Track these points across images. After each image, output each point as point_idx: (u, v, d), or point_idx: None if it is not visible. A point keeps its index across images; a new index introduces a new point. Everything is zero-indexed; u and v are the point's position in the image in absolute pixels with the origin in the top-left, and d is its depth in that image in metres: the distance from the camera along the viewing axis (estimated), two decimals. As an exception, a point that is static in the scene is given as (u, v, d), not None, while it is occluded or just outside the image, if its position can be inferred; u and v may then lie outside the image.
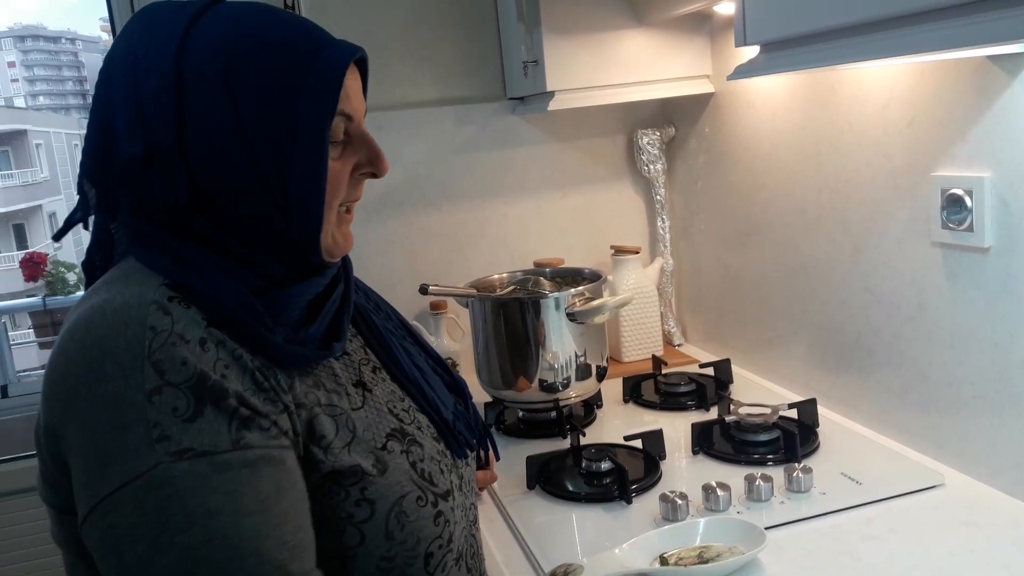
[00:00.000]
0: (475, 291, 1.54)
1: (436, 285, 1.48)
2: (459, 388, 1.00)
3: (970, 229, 1.10)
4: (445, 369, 1.01)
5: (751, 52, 1.02)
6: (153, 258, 0.75)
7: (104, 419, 0.68)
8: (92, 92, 0.83)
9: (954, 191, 1.11)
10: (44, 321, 3.37)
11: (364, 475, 0.76)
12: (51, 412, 0.72)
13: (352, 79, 0.81)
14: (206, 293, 0.73)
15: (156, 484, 0.66)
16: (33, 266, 3.46)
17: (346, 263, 0.90)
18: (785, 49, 0.96)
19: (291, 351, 0.76)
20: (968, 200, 1.09)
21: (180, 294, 0.72)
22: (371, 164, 0.82)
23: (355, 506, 0.76)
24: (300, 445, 0.75)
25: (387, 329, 0.93)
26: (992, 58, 1.04)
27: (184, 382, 0.68)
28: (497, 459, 1.25)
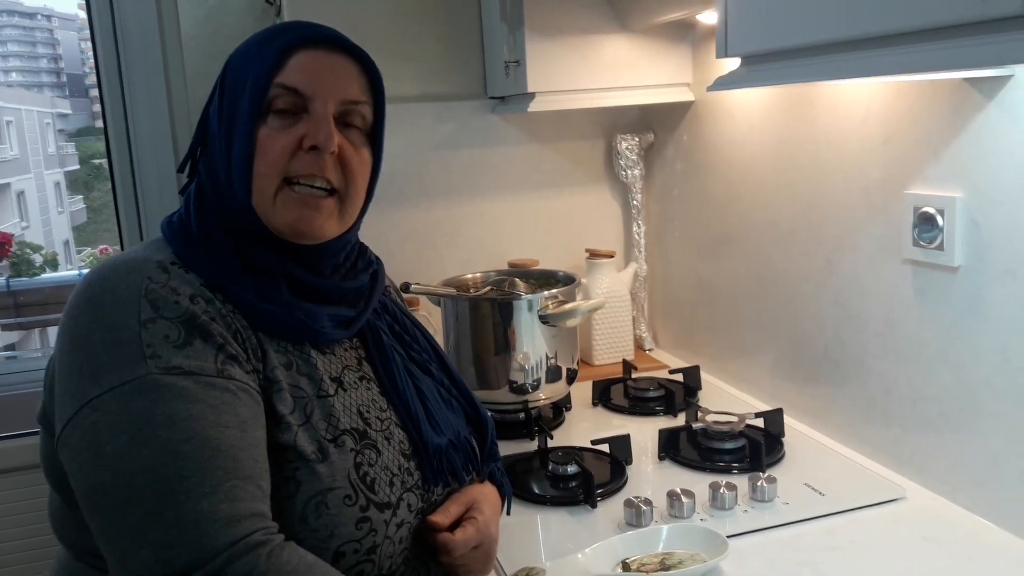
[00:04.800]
0: (455, 291, 1.54)
1: (418, 284, 1.48)
2: (479, 423, 1.02)
3: (940, 248, 1.11)
4: (471, 404, 1.02)
5: (732, 64, 1.02)
6: (171, 232, 0.85)
7: (99, 338, 0.75)
8: (66, 70, 0.90)
9: (926, 209, 1.13)
10: (7, 303, 3.29)
11: (300, 457, 0.80)
12: (57, 341, 0.79)
13: (318, 60, 0.85)
14: (193, 257, 0.82)
15: (144, 389, 0.72)
16: (-2, 246, 3.38)
17: (374, 280, 0.96)
18: (766, 63, 0.96)
19: (261, 307, 0.83)
20: (939, 219, 1.11)
21: (183, 262, 0.81)
22: (309, 136, 0.84)
23: (283, 482, 0.79)
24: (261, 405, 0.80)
25: (394, 348, 0.96)
26: (969, 80, 1.05)
27: (176, 317, 0.76)
28: (507, 513, 1.06)
